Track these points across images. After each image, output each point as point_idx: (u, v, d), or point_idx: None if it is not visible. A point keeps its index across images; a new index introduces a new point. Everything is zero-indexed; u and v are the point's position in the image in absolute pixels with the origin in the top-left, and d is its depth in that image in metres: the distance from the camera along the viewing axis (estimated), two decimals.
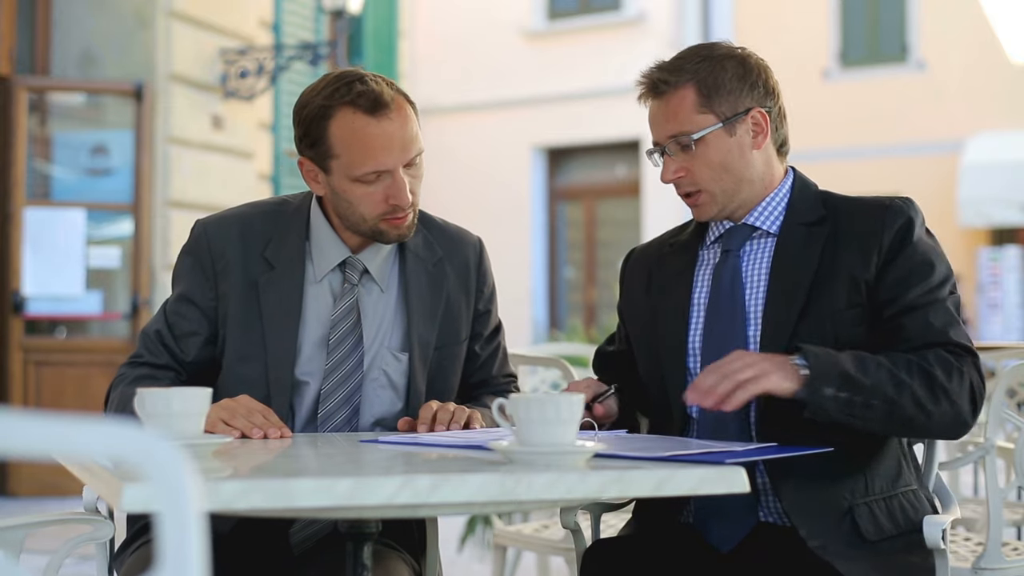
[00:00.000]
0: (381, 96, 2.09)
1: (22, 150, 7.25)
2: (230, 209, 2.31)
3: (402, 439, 1.93)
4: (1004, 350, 4.32)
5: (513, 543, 3.39)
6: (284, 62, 8.44)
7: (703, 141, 2.05)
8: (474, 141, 15.99)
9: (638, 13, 15.41)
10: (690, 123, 2.05)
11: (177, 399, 1.68)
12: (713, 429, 2.04)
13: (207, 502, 1.32)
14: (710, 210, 2.10)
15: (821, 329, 1.99)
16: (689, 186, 2.08)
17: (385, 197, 2.12)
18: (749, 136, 2.07)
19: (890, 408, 1.88)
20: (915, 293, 1.97)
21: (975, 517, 3.51)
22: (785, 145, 2.15)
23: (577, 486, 1.50)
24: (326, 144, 2.13)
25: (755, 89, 2.07)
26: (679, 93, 2.05)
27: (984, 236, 15.11)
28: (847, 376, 1.86)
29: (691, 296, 2.13)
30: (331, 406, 2.17)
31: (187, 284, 2.24)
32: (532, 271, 15.81)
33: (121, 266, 7.67)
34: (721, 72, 2.06)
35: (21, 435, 0.85)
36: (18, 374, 7.17)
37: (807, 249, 2.04)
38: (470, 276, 2.32)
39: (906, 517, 2.01)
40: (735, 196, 2.08)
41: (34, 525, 1.90)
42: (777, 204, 2.11)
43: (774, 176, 2.12)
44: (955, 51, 15.21)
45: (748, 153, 2.07)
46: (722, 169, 2.06)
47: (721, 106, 2.05)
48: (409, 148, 2.12)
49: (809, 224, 2.06)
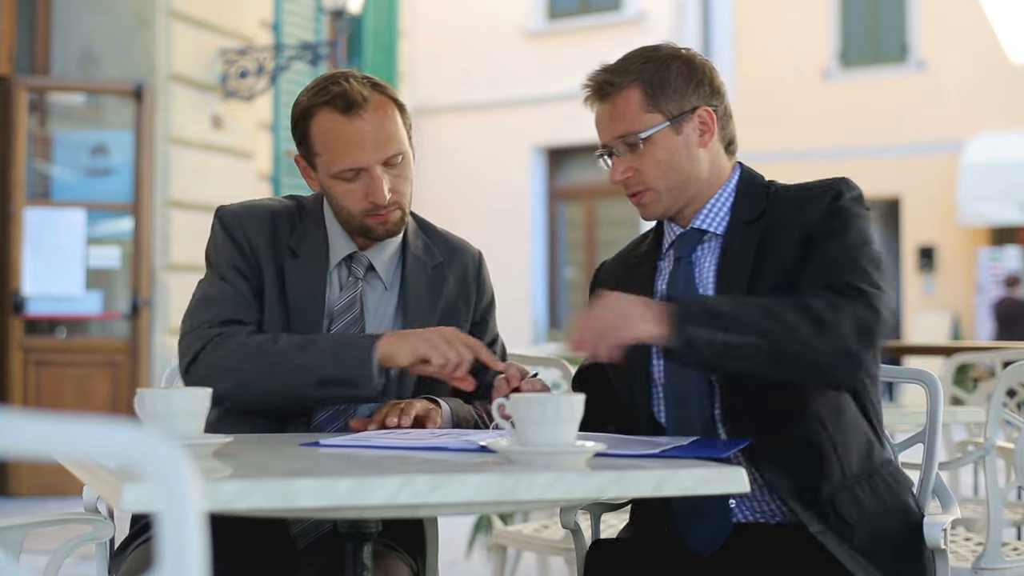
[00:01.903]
0: (354, 96, 2.15)
1: (22, 150, 7.25)
2: (253, 200, 2.35)
3: (343, 441, 1.88)
4: (1004, 350, 4.32)
5: (513, 543, 3.39)
6: (284, 62, 8.44)
7: (651, 140, 2.06)
8: (474, 141, 15.99)
9: (638, 13, 15.41)
10: (637, 123, 2.06)
11: (177, 399, 1.69)
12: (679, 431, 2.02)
13: (207, 502, 1.32)
14: (656, 209, 2.10)
15: None
16: (637, 185, 2.09)
17: (365, 194, 2.18)
18: (696, 134, 2.08)
19: (769, 345, 1.81)
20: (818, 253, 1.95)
21: (975, 517, 3.51)
22: (733, 144, 2.15)
23: (577, 486, 1.50)
24: (309, 142, 2.21)
25: (701, 88, 2.08)
26: (625, 94, 2.07)
27: (984, 236, 15.11)
28: (714, 312, 1.81)
29: None
30: None
31: (235, 259, 2.23)
32: (532, 271, 15.82)
33: (121, 266, 7.67)
34: (666, 72, 2.07)
35: (21, 435, 0.85)
36: (18, 374, 7.17)
37: (745, 247, 2.04)
38: (469, 285, 2.36)
39: (891, 492, 2.01)
40: (682, 194, 2.08)
41: (34, 525, 1.90)
42: (722, 204, 2.11)
43: (721, 174, 2.12)
44: (955, 51, 15.21)
45: (695, 151, 2.08)
46: (669, 167, 2.07)
47: (667, 105, 2.06)
48: (385, 147, 2.17)
49: (748, 222, 2.06)
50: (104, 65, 7.64)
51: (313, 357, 2.09)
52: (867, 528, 1.95)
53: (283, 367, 2.10)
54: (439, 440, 1.86)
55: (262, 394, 2.10)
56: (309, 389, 2.09)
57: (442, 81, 16.04)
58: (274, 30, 8.99)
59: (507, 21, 16.06)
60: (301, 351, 2.11)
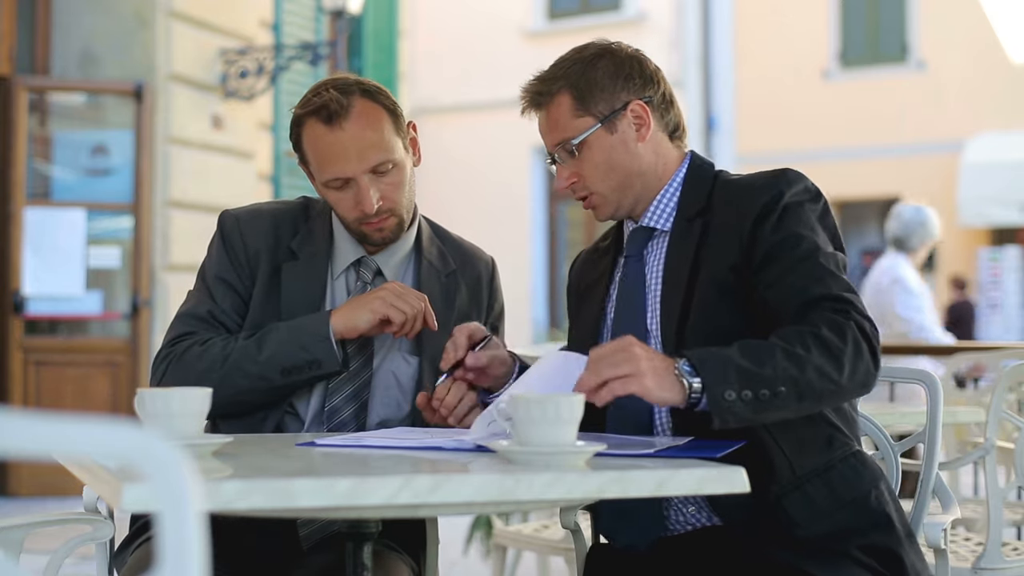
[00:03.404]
0: (334, 106, 2.15)
1: (22, 150, 7.25)
2: (260, 203, 2.37)
3: (341, 441, 1.87)
4: (1004, 350, 4.32)
5: (513, 543, 3.39)
6: (284, 62, 8.44)
7: (585, 144, 2.03)
8: (474, 141, 15.99)
9: (638, 13, 15.41)
10: (570, 128, 2.03)
11: (177, 399, 1.69)
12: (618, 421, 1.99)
13: (207, 502, 1.32)
14: (606, 211, 2.08)
15: (705, 325, 1.92)
16: (582, 190, 2.06)
17: (355, 203, 2.18)
18: (632, 130, 2.04)
19: (798, 390, 1.75)
20: (776, 268, 1.88)
21: (975, 517, 3.51)
22: (679, 130, 2.11)
23: (577, 486, 1.50)
24: (302, 152, 2.23)
25: (630, 81, 2.05)
26: (555, 101, 2.05)
27: (984, 236, 15.12)
28: (743, 371, 1.72)
29: (606, 301, 2.11)
30: (338, 401, 2.19)
31: (226, 270, 2.25)
32: (532, 271, 15.82)
33: (121, 266, 7.67)
34: (592, 71, 2.04)
35: (21, 435, 0.85)
36: (18, 374, 7.17)
37: (686, 244, 2.00)
38: (481, 292, 2.36)
39: (849, 486, 1.91)
40: (627, 192, 2.05)
41: (34, 525, 1.90)
42: (669, 199, 2.07)
43: (667, 165, 2.08)
44: (955, 51, 15.22)
45: (633, 147, 2.04)
46: (608, 168, 2.04)
47: (597, 106, 2.03)
48: (367, 156, 2.16)
49: (690, 219, 2.02)
50: (104, 65, 7.64)
51: (271, 350, 2.12)
52: (819, 527, 1.88)
53: (244, 370, 2.12)
54: (434, 440, 1.86)
55: (231, 400, 2.10)
56: (276, 381, 2.13)
57: (442, 81, 16.04)
58: (274, 30, 8.99)
59: (507, 21, 16.06)
60: (259, 348, 2.13)
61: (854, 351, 1.79)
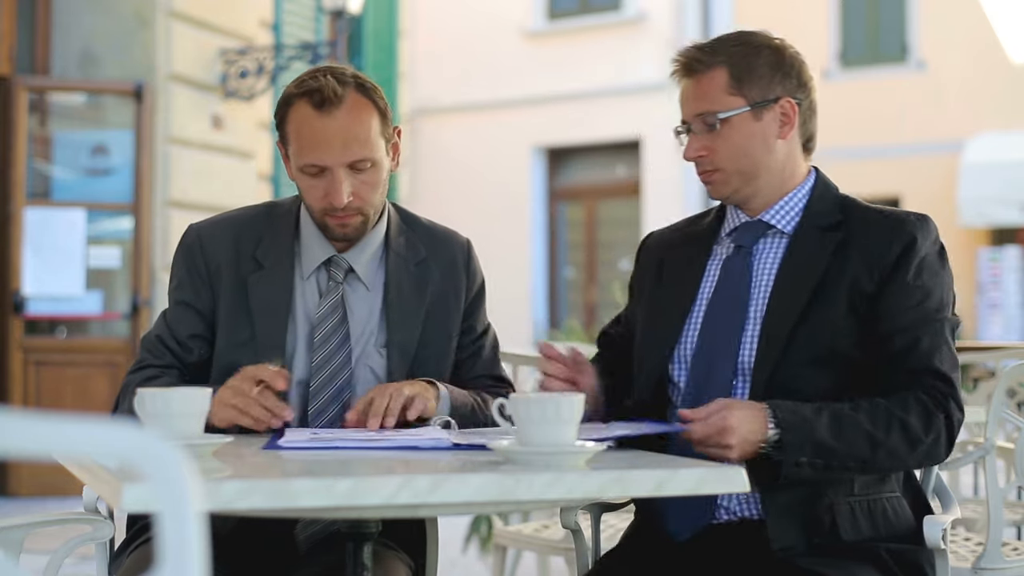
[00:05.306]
0: (328, 92, 2.13)
1: (22, 150, 7.25)
2: (223, 213, 2.36)
3: (305, 443, 1.86)
4: (1004, 350, 4.32)
5: (513, 543, 3.39)
6: (284, 62, 8.44)
7: (728, 122, 2.07)
8: (474, 141, 15.99)
9: (638, 13, 15.40)
10: (718, 103, 2.07)
11: (177, 399, 1.69)
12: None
13: (207, 502, 1.32)
14: (724, 189, 2.11)
15: (819, 335, 1.99)
16: (708, 165, 2.10)
17: (325, 193, 2.16)
18: (776, 125, 2.09)
19: (865, 467, 1.95)
20: (909, 317, 1.99)
21: (975, 517, 3.51)
22: (812, 141, 2.16)
23: (577, 486, 1.50)
24: (284, 129, 2.21)
25: (788, 79, 2.10)
26: (711, 73, 2.08)
27: (984, 236, 15.11)
28: (821, 445, 1.89)
29: (698, 287, 2.14)
30: (320, 402, 2.19)
31: (184, 289, 2.27)
32: (532, 271, 15.81)
33: (121, 266, 7.67)
34: (755, 58, 2.08)
35: (21, 435, 0.85)
36: (18, 374, 7.17)
37: (817, 253, 2.05)
38: (458, 275, 2.34)
39: (887, 522, 2.01)
40: (751, 181, 2.09)
41: (34, 525, 1.90)
42: (795, 204, 2.12)
43: (796, 172, 2.13)
44: (955, 51, 15.21)
45: (772, 141, 2.09)
46: (743, 152, 2.08)
47: (751, 90, 2.07)
48: (351, 148, 2.14)
49: (823, 228, 2.07)
50: (104, 65, 7.64)
51: None
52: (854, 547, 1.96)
53: None
54: (411, 439, 1.85)
55: None
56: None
57: (442, 81, 16.03)
58: (274, 30, 8.99)
59: (507, 21, 16.05)
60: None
61: (931, 443, 1.94)
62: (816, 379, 1.98)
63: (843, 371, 1.99)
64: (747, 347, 2.04)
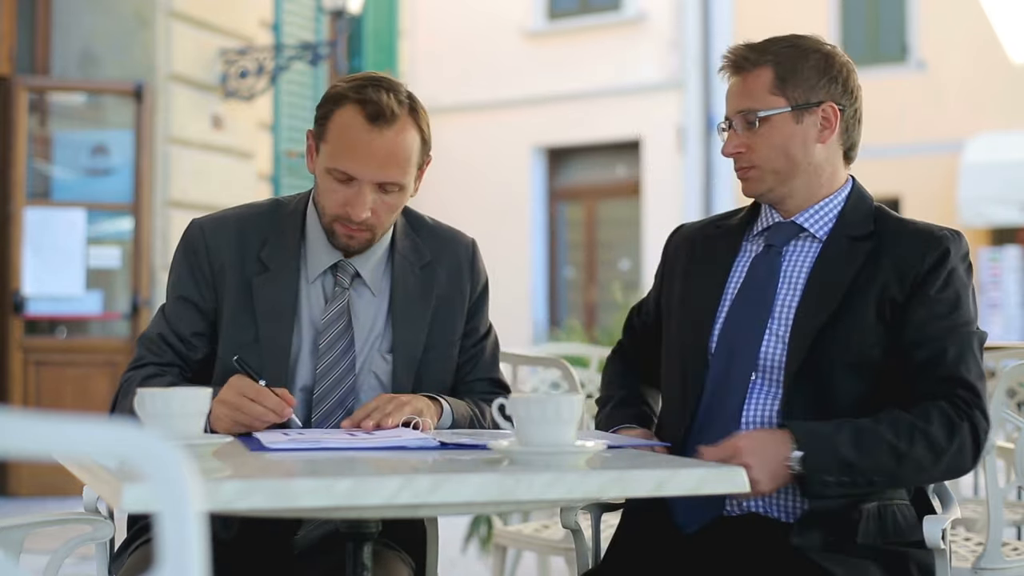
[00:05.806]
0: (385, 110, 2.13)
1: (22, 150, 7.25)
2: (227, 210, 2.33)
3: (294, 444, 1.86)
4: (1004, 350, 4.31)
5: (513, 543, 3.39)
6: (284, 62, 8.43)
7: (768, 121, 2.09)
8: (474, 141, 15.98)
9: (638, 13, 15.40)
10: (760, 101, 2.09)
11: (177, 399, 1.68)
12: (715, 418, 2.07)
13: (207, 502, 1.32)
14: (758, 188, 2.13)
15: (846, 340, 2.01)
16: (745, 162, 2.12)
17: (345, 202, 2.15)
18: (816, 128, 2.10)
19: (891, 481, 1.97)
20: (937, 327, 2.00)
21: (975, 517, 3.51)
22: (853, 150, 2.17)
23: (577, 486, 1.50)
24: (325, 126, 2.18)
25: (833, 84, 2.11)
26: (756, 72, 2.11)
27: (984, 236, 15.11)
28: (845, 463, 1.91)
29: (726, 283, 2.16)
30: (325, 409, 2.18)
31: (185, 286, 2.25)
32: (532, 271, 15.81)
33: (121, 266, 7.67)
34: (803, 60, 2.10)
35: (21, 435, 0.85)
36: (18, 374, 7.17)
37: (849, 261, 2.07)
38: (463, 275, 2.33)
39: (896, 527, 2.02)
40: (786, 182, 2.11)
41: (34, 525, 1.90)
42: (830, 211, 2.13)
43: (834, 178, 2.14)
44: (955, 51, 15.21)
45: (811, 144, 2.10)
46: (780, 152, 2.09)
47: (794, 92, 2.09)
48: (387, 170, 2.14)
49: (855, 238, 2.09)
50: (104, 65, 7.64)
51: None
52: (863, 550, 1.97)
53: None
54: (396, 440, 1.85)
55: None
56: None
57: (442, 81, 16.02)
58: (274, 30, 8.99)
59: (507, 21, 16.04)
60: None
61: (956, 452, 1.95)
62: (847, 383, 2.00)
63: (873, 378, 2.01)
64: (769, 344, 2.06)
